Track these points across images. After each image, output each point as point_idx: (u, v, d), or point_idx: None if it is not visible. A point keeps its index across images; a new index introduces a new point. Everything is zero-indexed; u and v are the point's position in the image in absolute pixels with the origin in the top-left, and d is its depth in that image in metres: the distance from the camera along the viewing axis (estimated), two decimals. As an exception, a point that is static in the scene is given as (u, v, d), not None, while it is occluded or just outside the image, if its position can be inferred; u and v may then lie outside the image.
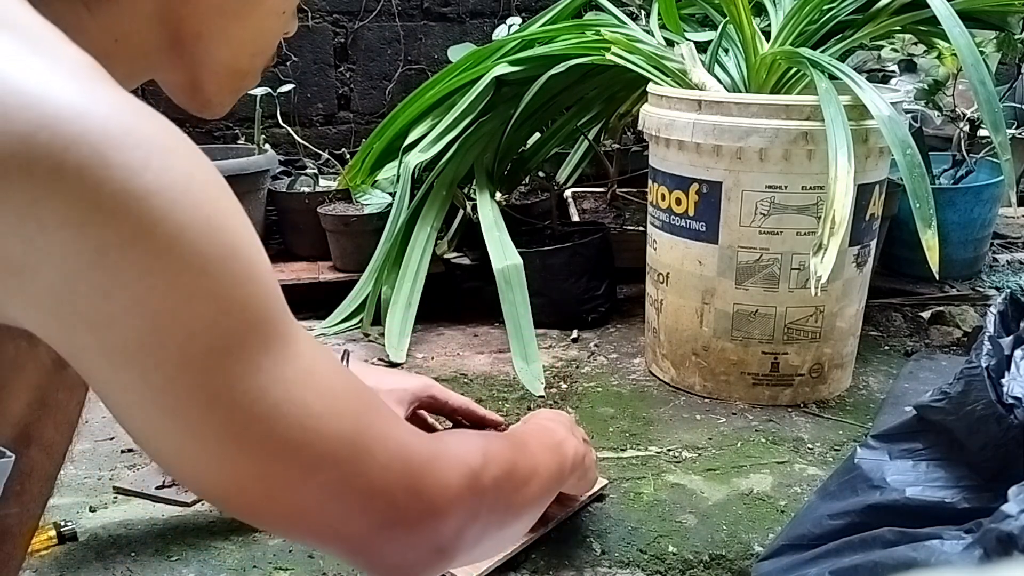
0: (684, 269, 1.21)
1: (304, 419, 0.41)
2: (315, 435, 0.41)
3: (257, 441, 0.40)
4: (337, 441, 0.42)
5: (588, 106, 1.63)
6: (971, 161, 1.73)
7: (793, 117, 1.08)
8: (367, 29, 1.99)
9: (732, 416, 1.18)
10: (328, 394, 0.43)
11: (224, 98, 0.53)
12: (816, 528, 0.79)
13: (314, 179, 1.78)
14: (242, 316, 0.39)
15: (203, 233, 0.37)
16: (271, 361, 0.40)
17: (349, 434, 0.43)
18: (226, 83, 0.52)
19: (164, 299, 0.36)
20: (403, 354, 1.38)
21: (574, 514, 0.93)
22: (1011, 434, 0.70)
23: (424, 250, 1.48)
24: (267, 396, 0.40)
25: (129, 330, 0.36)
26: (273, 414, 0.40)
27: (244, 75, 0.52)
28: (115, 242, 0.35)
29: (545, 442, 0.71)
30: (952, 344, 1.41)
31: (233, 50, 0.50)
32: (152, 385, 0.37)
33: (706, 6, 1.48)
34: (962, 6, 1.22)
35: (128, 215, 0.35)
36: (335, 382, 0.44)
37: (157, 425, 0.39)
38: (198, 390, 0.38)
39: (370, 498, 0.44)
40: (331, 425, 0.42)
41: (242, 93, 0.54)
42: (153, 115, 0.39)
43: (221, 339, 0.38)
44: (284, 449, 0.40)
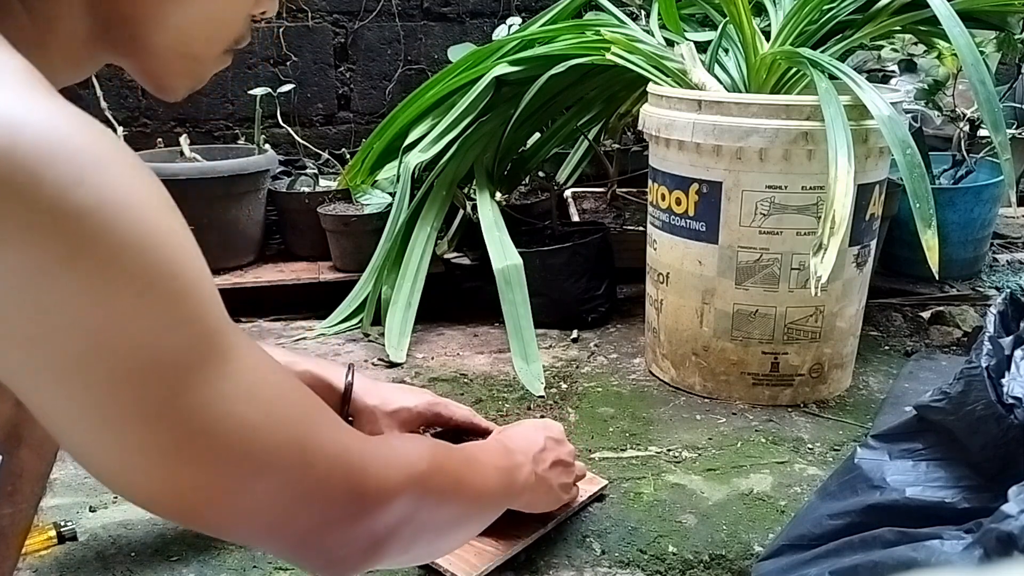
0: (684, 269, 1.21)
1: (245, 431, 0.41)
2: (256, 446, 0.42)
3: (197, 454, 0.40)
4: (278, 450, 0.43)
5: (588, 106, 1.62)
6: (971, 161, 1.73)
7: (793, 117, 1.08)
8: (367, 29, 1.99)
9: (732, 416, 1.18)
10: (268, 404, 0.43)
11: (179, 82, 0.51)
12: (816, 528, 0.79)
13: (314, 179, 1.78)
14: (182, 333, 0.39)
15: (141, 251, 0.37)
16: (211, 376, 0.40)
17: (290, 442, 0.43)
18: (177, 69, 0.50)
19: (103, 317, 0.36)
20: (403, 354, 1.38)
21: (574, 514, 0.93)
22: (1011, 434, 0.70)
23: (424, 250, 1.48)
24: (208, 411, 0.40)
25: (68, 347, 0.36)
26: (214, 428, 0.40)
27: (199, 60, 0.51)
28: (51, 260, 0.34)
29: (498, 463, 0.71)
30: (952, 344, 1.41)
31: (177, 34, 0.48)
32: (92, 401, 0.37)
33: (706, 6, 1.48)
34: (962, 6, 1.22)
35: (63, 233, 0.35)
36: (276, 391, 0.44)
37: (97, 440, 0.39)
38: (138, 405, 0.38)
39: (311, 500, 0.44)
40: (272, 435, 0.43)
41: (207, 76, 0.53)
42: (91, 126, 0.37)
43: (161, 356, 0.38)
44: (225, 461, 0.41)
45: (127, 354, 0.37)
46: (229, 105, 1.94)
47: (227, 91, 1.93)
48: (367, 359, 1.39)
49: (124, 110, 1.88)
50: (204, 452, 0.40)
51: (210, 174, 1.60)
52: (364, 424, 0.88)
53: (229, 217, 1.64)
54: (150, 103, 1.90)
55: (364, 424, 0.88)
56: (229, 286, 1.60)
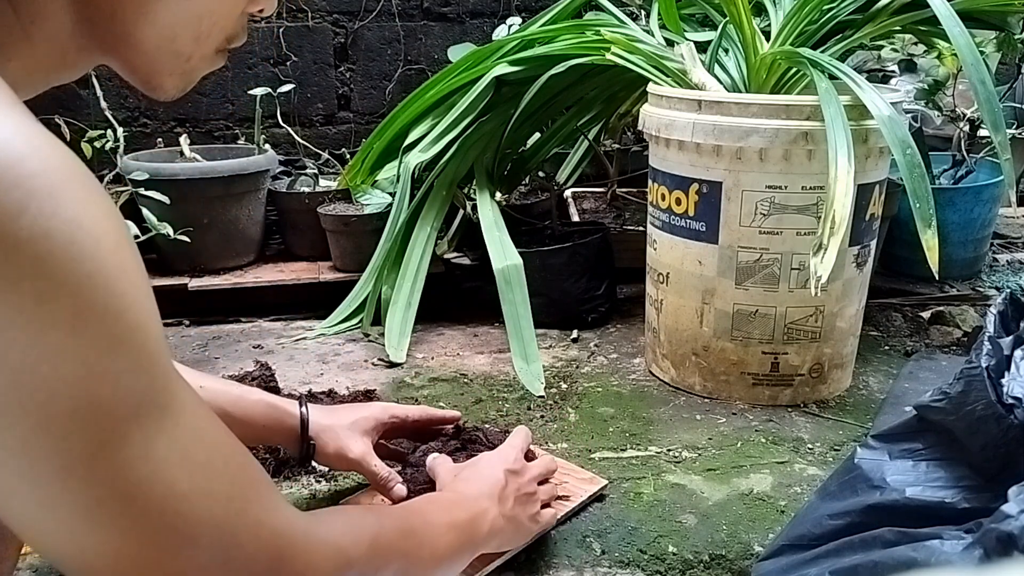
0: (684, 269, 1.21)
1: (169, 500, 0.38)
2: (179, 518, 0.39)
3: (112, 519, 0.37)
4: (203, 525, 0.40)
5: (588, 106, 1.62)
6: (971, 161, 1.73)
7: (793, 117, 1.08)
8: (367, 29, 1.99)
9: (732, 416, 1.18)
10: (202, 473, 0.40)
11: (167, 80, 0.50)
12: (816, 528, 0.79)
13: (314, 179, 1.78)
14: (114, 384, 0.36)
15: (81, 289, 0.34)
16: (141, 434, 0.37)
17: (217, 519, 0.40)
18: (164, 66, 0.49)
19: (26, 356, 0.34)
20: (403, 354, 1.38)
21: (574, 514, 0.93)
22: (1011, 434, 0.70)
23: (424, 250, 1.48)
24: (131, 472, 0.37)
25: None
26: (134, 492, 0.37)
27: (187, 58, 0.49)
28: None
29: (456, 519, 0.69)
30: (952, 344, 1.41)
31: (163, 31, 0.47)
32: (6, 447, 0.35)
33: (706, 6, 1.48)
34: (962, 6, 1.22)
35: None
36: (213, 458, 0.41)
37: (9, 488, 0.36)
38: (55, 457, 0.35)
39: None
40: (199, 508, 0.40)
41: (197, 75, 0.51)
42: (47, 149, 0.35)
43: (86, 405, 0.35)
44: (148, 528, 0.38)
45: (53, 398, 0.34)
46: (229, 105, 1.94)
47: (227, 91, 1.93)
48: (367, 359, 1.39)
49: (124, 110, 1.88)
50: (125, 516, 0.37)
51: (210, 174, 1.60)
52: (328, 442, 0.88)
53: (229, 217, 1.64)
54: (150, 103, 1.90)
55: (328, 442, 0.88)
56: (229, 286, 1.60)
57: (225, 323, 1.56)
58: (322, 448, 0.88)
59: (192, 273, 1.63)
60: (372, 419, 0.91)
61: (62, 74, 0.47)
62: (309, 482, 0.99)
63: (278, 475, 0.99)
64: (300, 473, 1.00)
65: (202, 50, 0.50)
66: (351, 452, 0.88)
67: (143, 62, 0.48)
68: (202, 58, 0.50)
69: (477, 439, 0.96)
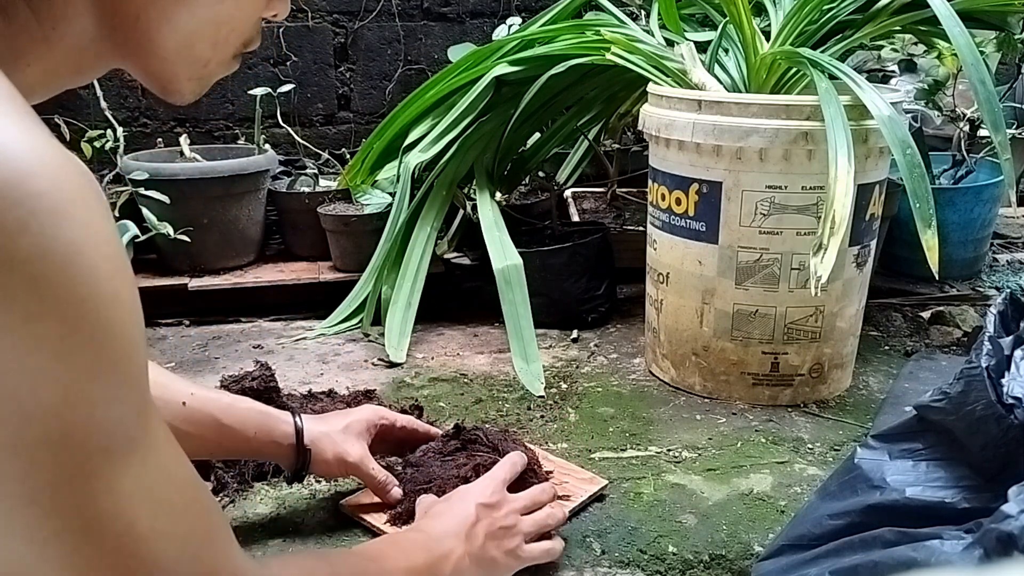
0: (684, 269, 1.21)
1: (127, 538, 0.38)
2: (134, 558, 0.38)
3: (66, 552, 0.36)
4: (156, 566, 0.39)
5: (588, 106, 1.62)
6: (971, 161, 1.73)
7: (793, 117, 1.08)
8: (367, 29, 1.99)
9: (732, 416, 1.18)
10: (164, 513, 0.40)
11: (185, 85, 0.50)
12: (816, 528, 0.79)
13: (314, 179, 1.78)
14: (89, 414, 0.35)
15: (71, 314, 0.34)
16: (109, 468, 0.37)
17: (172, 559, 0.40)
18: (183, 71, 0.49)
19: (5, 377, 0.33)
20: (403, 354, 1.38)
21: (574, 515, 0.93)
22: (1011, 434, 0.70)
23: (424, 250, 1.48)
24: (93, 504, 0.36)
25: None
26: (94, 525, 0.37)
27: (205, 63, 0.50)
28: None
29: (413, 564, 0.67)
30: (952, 344, 1.41)
31: (183, 36, 0.47)
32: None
33: (706, 6, 1.48)
34: (962, 6, 1.22)
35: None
36: (177, 499, 0.41)
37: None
38: (20, 483, 0.35)
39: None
40: (156, 548, 0.39)
41: (213, 80, 0.52)
42: (58, 166, 0.35)
43: (59, 433, 0.35)
44: (97, 563, 0.37)
45: (27, 423, 0.34)
46: (229, 105, 1.94)
47: (227, 91, 1.93)
48: (367, 359, 1.39)
49: (124, 110, 1.88)
50: (79, 551, 0.37)
51: (210, 174, 1.60)
52: (326, 448, 0.87)
53: (229, 217, 1.64)
54: (150, 103, 1.90)
55: (326, 448, 0.87)
56: (229, 286, 1.60)
57: (225, 323, 1.56)
58: (320, 454, 0.87)
59: (192, 273, 1.63)
60: (364, 421, 0.91)
61: (77, 78, 0.48)
62: (309, 482, 0.99)
63: (278, 475, 0.99)
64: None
65: (220, 55, 0.50)
66: (349, 456, 0.88)
67: (162, 67, 0.48)
68: (219, 63, 0.51)
69: (477, 439, 0.95)
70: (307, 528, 0.92)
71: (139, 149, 1.78)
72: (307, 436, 0.86)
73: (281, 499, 0.96)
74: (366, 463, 0.88)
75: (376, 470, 0.89)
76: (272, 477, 0.99)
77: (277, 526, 0.92)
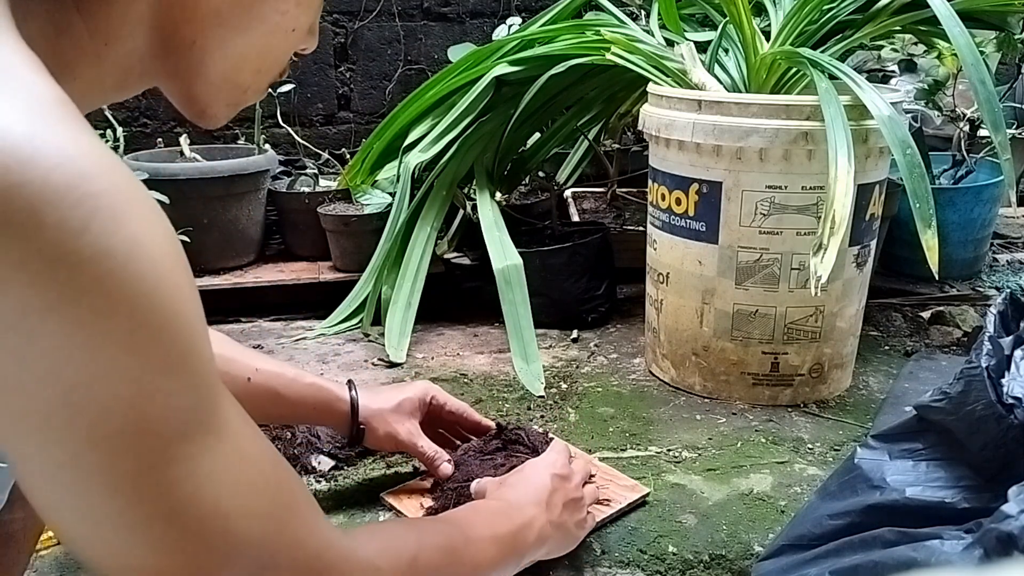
0: (684, 269, 1.21)
1: (211, 519, 0.39)
2: (220, 537, 0.40)
3: (155, 536, 0.38)
4: (242, 544, 0.40)
5: (588, 106, 1.62)
6: (971, 161, 1.73)
7: (793, 117, 1.08)
8: (367, 29, 1.99)
9: (732, 416, 1.18)
10: (243, 492, 0.41)
11: (221, 110, 0.51)
12: (816, 528, 0.79)
13: (314, 179, 1.78)
14: (164, 404, 0.37)
15: (136, 309, 0.35)
16: (187, 453, 0.38)
17: (256, 538, 0.41)
18: (224, 96, 0.50)
19: (80, 373, 0.34)
20: (403, 354, 1.38)
21: (611, 521, 0.92)
22: (1011, 434, 0.70)
23: (424, 250, 1.48)
24: (176, 491, 0.38)
25: (39, 400, 0.34)
26: (178, 511, 0.38)
27: (245, 90, 0.51)
28: (37, 306, 0.33)
29: (499, 530, 0.69)
30: (952, 344, 1.41)
31: (233, 63, 0.48)
32: (55, 459, 0.35)
33: (706, 6, 1.48)
34: (962, 6, 1.22)
35: (55, 279, 0.33)
36: (255, 478, 0.42)
37: (58, 499, 0.37)
38: (103, 473, 0.36)
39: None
40: (239, 525, 0.40)
41: (242, 107, 0.53)
42: (112, 168, 0.36)
43: (136, 424, 0.36)
44: (184, 546, 0.38)
45: (105, 415, 0.35)
46: (229, 105, 1.94)
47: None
48: (367, 359, 1.39)
49: (124, 110, 1.88)
50: (168, 534, 0.38)
51: (210, 174, 1.60)
52: (378, 427, 0.91)
53: (229, 217, 1.64)
54: (150, 103, 1.90)
55: (378, 427, 0.91)
56: (229, 286, 1.60)
57: (225, 323, 1.56)
58: (372, 432, 0.92)
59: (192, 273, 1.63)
60: (416, 399, 0.95)
61: (118, 94, 0.48)
62: (309, 482, 0.99)
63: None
64: (300, 473, 1.00)
65: (259, 83, 0.51)
66: (400, 435, 0.92)
67: (204, 91, 0.49)
68: (255, 91, 0.52)
69: (519, 438, 0.97)
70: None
71: (139, 149, 1.78)
72: (361, 413, 0.91)
73: (281, 499, 0.96)
74: (415, 440, 0.92)
75: (426, 446, 0.93)
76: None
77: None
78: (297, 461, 1.00)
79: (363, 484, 0.99)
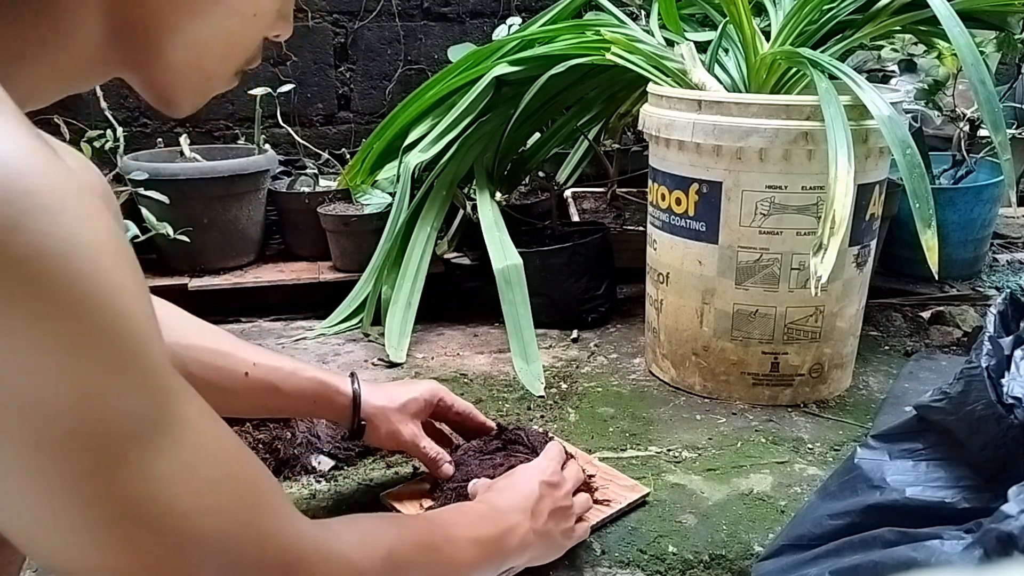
0: (684, 269, 1.21)
1: (169, 518, 0.38)
2: (181, 536, 0.39)
3: (113, 538, 0.37)
4: (206, 542, 0.40)
5: (588, 106, 1.62)
6: (971, 161, 1.73)
7: (793, 117, 1.08)
8: (367, 29, 1.99)
9: (732, 416, 1.18)
10: (203, 490, 0.40)
11: (186, 98, 0.50)
12: (816, 528, 0.79)
13: (314, 179, 1.78)
14: (112, 405, 0.36)
15: (76, 310, 0.34)
16: (139, 454, 0.37)
17: (221, 535, 0.40)
18: (187, 84, 0.49)
19: (22, 377, 0.33)
20: (403, 354, 1.38)
21: (611, 521, 0.92)
22: (1011, 434, 0.70)
23: (424, 250, 1.48)
24: (130, 491, 0.37)
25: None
26: (134, 512, 0.37)
27: (210, 77, 0.50)
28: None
29: (481, 533, 0.68)
30: (952, 344, 1.41)
31: (193, 50, 0.47)
32: (14, 464, 0.35)
33: (706, 6, 1.48)
34: (962, 6, 1.22)
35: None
36: (216, 475, 0.41)
37: (11, 506, 0.36)
38: (54, 477, 0.35)
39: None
40: (201, 525, 0.39)
41: (212, 95, 0.52)
42: (47, 165, 0.35)
43: (84, 426, 0.35)
44: (143, 547, 0.38)
45: (51, 419, 0.34)
46: (229, 105, 1.94)
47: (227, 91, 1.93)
48: (367, 359, 1.39)
49: (124, 110, 1.88)
50: (125, 535, 0.37)
51: (210, 174, 1.60)
52: (380, 425, 0.90)
53: (229, 217, 1.64)
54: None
55: (380, 425, 0.90)
56: (229, 286, 1.60)
57: (225, 323, 1.56)
58: (373, 430, 0.90)
59: (192, 273, 1.63)
60: (421, 400, 0.94)
61: (79, 84, 0.47)
62: (309, 482, 0.99)
63: (278, 475, 0.99)
64: (300, 473, 1.00)
65: (224, 70, 0.50)
66: (402, 435, 0.91)
67: (166, 78, 0.48)
68: (222, 78, 0.51)
69: (519, 439, 0.97)
70: (307, 528, 0.92)
71: (139, 149, 1.78)
72: (364, 409, 0.89)
73: (281, 499, 0.96)
74: (418, 441, 0.91)
75: (428, 447, 0.92)
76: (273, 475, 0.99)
77: (277, 526, 0.92)
78: (297, 461, 1.00)
79: (363, 484, 0.99)
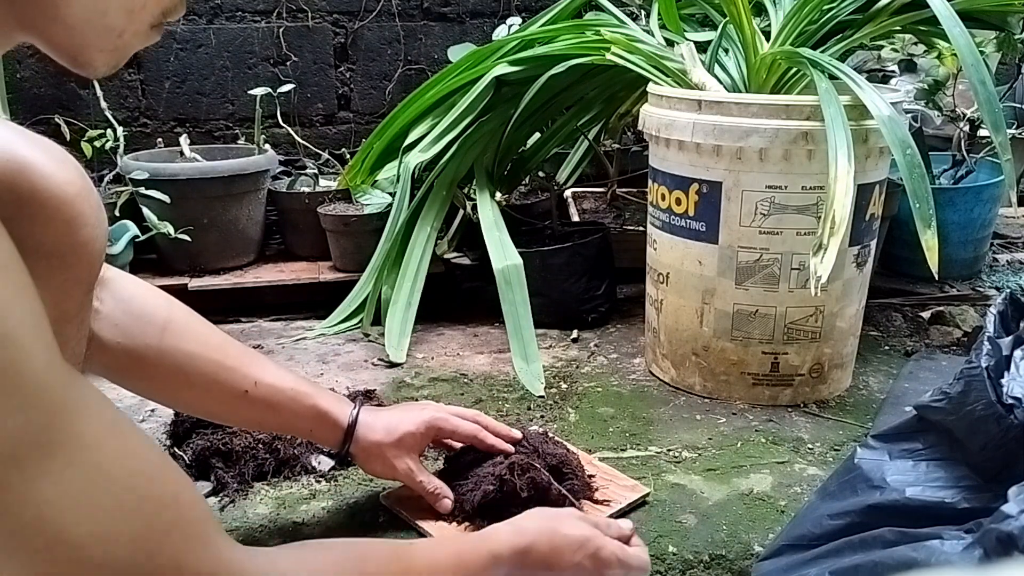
0: (684, 269, 1.21)
1: (60, 546, 0.35)
2: (75, 565, 0.36)
3: (7, 565, 0.35)
4: (103, 570, 0.37)
5: (588, 106, 1.62)
6: (971, 161, 1.73)
7: (793, 117, 1.08)
8: (367, 29, 1.99)
9: (732, 416, 1.18)
10: (102, 516, 0.37)
11: (97, 56, 0.47)
12: (816, 528, 0.79)
13: (314, 179, 1.78)
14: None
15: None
16: (21, 478, 0.34)
17: (122, 563, 0.37)
18: (96, 42, 0.46)
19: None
20: (403, 354, 1.38)
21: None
22: (1011, 434, 0.70)
23: (424, 250, 1.48)
24: (15, 517, 0.34)
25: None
26: (19, 538, 0.35)
27: (120, 33, 0.46)
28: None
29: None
30: (952, 344, 1.41)
31: (92, 5, 0.44)
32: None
33: (706, 6, 1.48)
34: (962, 6, 1.22)
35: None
36: (119, 499, 0.38)
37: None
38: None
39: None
40: (99, 552, 0.37)
41: (130, 52, 0.48)
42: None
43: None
44: (31, 572, 0.35)
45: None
46: (229, 105, 1.94)
47: (227, 91, 1.93)
48: (367, 359, 1.39)
49: (124, 110, 1.88)
50: (14, 561, 0.35)
51: (210, 174, 1.60)
52: (373, 459, 0.89)
53: (229, 217, 1.64)
54: (150, 103, 1.90)
55: (373, 459, 0.89)
56: (229, 286, 1.60)
57: (225, 323, 1.56)
58: (369, 464, 0.90)
59: (192, 273, 1.63)
60: (419, 435, 0.90)
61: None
62: (309, 482, 0.99)
63: (278, 475, 0.99)
64: (300, 473, 1.00)
65: (135, 25, 0.47)
66: (397, 469, 0.89)
67: (69, 37, 0.45)
68: (135, 34, 0.47)
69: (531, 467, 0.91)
70: (307, 528, 0.92)
71: (139, 149, 1.78)
72: (359, 445, 0.88)
73: (281, 499, 0.96)
74: (414, 476, 0.89)
75: (425, 481, 0.89)
76: (272, 477, 0.99)
77: (277, 526, 0.92)
78: (297, 461, 1.00)
79: (363, 484, 0.99)
